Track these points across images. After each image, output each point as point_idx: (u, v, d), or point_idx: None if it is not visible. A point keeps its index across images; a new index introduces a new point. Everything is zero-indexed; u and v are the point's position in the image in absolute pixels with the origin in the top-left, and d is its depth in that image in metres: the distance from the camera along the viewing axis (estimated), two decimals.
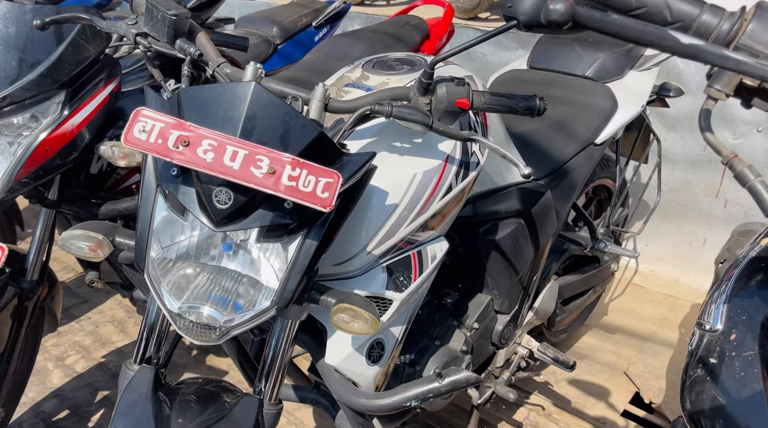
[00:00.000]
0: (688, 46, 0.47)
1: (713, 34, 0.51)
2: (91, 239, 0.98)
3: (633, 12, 0.52)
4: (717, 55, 0.47)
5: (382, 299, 1.09)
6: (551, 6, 0.49)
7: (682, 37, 0.47)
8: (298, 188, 0.81)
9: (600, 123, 1.62)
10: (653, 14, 0.52)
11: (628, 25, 0.48)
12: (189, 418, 0.96)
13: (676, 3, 0.52)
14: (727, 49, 0.47)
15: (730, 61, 0.46)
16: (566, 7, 0.48)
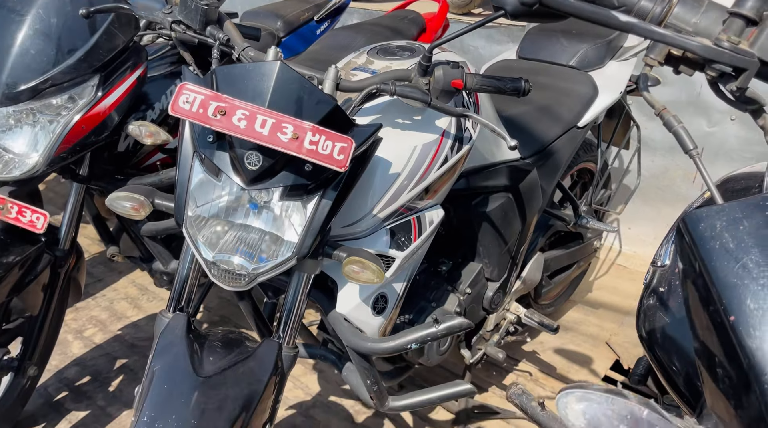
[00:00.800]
0: (626, 23, 0.62)
1: (649, 15, 0.66)
2: (134, 200, 1.12)
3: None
4: (648, 30, 0.62)
5: (386, 257, 1.23)
6: None
7: (623, 17, 0.62)
8: (318, 151, 0.95)
9: (582, 108, 1.77)
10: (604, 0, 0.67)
11: (584, 7, 0.63)
12: (218, 357, 1.11)
13: None
14: (657, 26, 0.62)
15: (657, 35, 0.61)
16: None
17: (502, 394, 1.96)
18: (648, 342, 0.90)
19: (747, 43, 0.61)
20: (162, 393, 1.04)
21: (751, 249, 0.51)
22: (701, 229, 0.54)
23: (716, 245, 0.53)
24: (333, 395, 1.95)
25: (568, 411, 0.52)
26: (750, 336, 0.49)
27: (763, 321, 0.49)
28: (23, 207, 1.37)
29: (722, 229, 0.53)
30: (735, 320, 0.50)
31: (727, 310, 0.51)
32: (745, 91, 0.62)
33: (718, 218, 0.54)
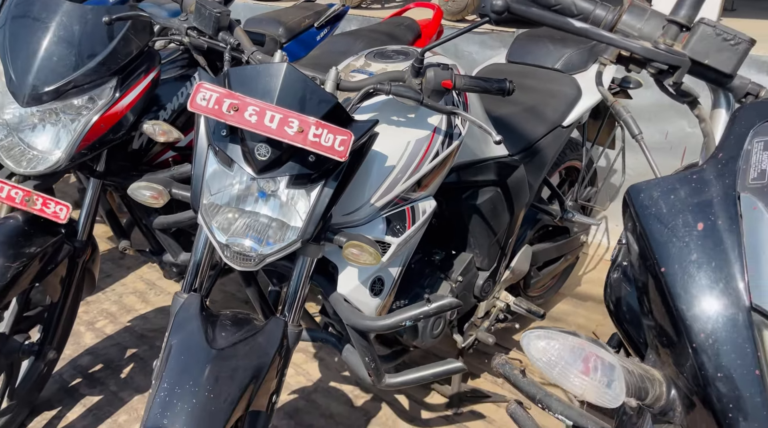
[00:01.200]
0: (580, 28, 0.73)
1: (602, 22, 0.77)
2: (153, 189, 1.23)
3: (553, 7, 0.78)
4: (598, 35, 0.73)
5: (383, 242, 1.34)
6: (493, 2, 0.75)
7: (579, 23, 0.73)
8: (321, 143, 1.07)
9: (566, 108, 1.89)
10: (565, 9, 0.78)
11: (546, 15, 0.74)
12: (230, 332, 1.22)
13: (579, 2, 0.78)
14: (609, 32, 0.74)
15: (606, 38, 0.73)
16: (503, 3, 0.75)
17: (494, 380, 2.07)
18: (615, 312, 1.01)
19: (680, 45, 0.73)
20: (179, 364, 1.14)
21: (679, 213, 0.62)
22: (641, 198, 0.65)
23: (653, 211, 0.64)
24: (333, 381, 2.06)
25: (531, 348, 0.63)
26: (676, 283, 0.60)
27: (686, 271, 0.60)
28: (48, 199, 1.48)
29: (658, 197, 0.64)
30: (665, 270, 0.61)
31: (659, 263, 0.62)
32: (681, 85, 0.73)
33: (655, 189, 0.65)
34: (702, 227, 0.60)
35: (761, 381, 0.54)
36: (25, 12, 1.47)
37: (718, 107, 0.78)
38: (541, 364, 0.63)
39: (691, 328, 0.58)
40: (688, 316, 0.59)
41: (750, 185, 0.59)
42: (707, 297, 0.58)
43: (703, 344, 0.58)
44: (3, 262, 1.46)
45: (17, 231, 1.53)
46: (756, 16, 3.36)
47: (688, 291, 0.59)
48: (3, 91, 1.46)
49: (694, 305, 0.59)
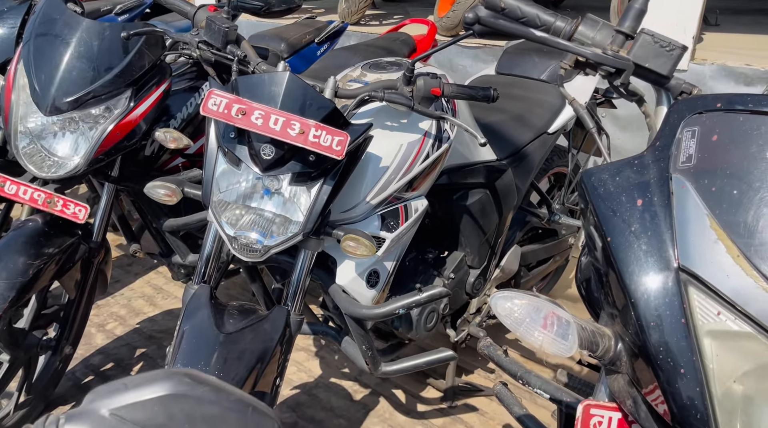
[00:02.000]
0: (540, 37, 0.85)
1: (562, 32, 0.89)
2: (167, 188, 1.35)
3: (520, 20, 0.90)
4: (555, 42, 0.85)
5: (377, 237, 1.45)
6: (467, 15, 0.87)
7: (539, 33, 0.85)
8: (320, 143, 1.18)
9: (551, 116, 2.01)
10: (530, 21, 0.90)
11: (511, 26, 0.86)
12: (237, 319, 1.32)
13: (542, 15, 0.90)
14: (566, 41, 0.86)
15: (562, 46, 0.85)
16: (474, 16, 0.87)
17: (486, 375, 2.17)
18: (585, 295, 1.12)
19: (625, 51, 0.85)
20: (191, 347, 1.25)
21: (623, 192, 0.73)
22: (593, 180, 0.76)
23: (601, 191, 0.75)
24: (333, 377, 2.16)
25: (498, 307, 0.74)
26: (618, 250, 0.71)
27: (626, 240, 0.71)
28: (67, 201, 1.60)
29: (605, 179, 0.75)
30: (610, 240, 0.72)
31: (605, 234, 0.73)
32: (628, 85, 0.85)
33: (604, 172, 0.76)
34: (641, 203, 0.71)
35: (686, 326, 0.65)
36: (48, 29, 1.60)
37: (660, 104, 0.90)
38: (509, 321, 0.74)
39: (631, 288, 0.69)
40: (629, 278, 0.70)
41: (680, 167, 0.70)
42: (644, 261, 0.69)
43: (641, 300, 0.68)
44: (25, 260, 1.57)
45: (38, 232, 1.65)
46: (739, 31, 3.49)
47: (628, 257, 0.70)
48: (27, 101, 1.58)
49: (634, 267, 0.69)
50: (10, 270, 1.54)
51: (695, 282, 0.65)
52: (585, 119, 0.89)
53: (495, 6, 0.89)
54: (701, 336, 0.64)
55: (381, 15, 4.50)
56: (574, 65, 0.87)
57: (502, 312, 0.73)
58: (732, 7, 4.47)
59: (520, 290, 0.75)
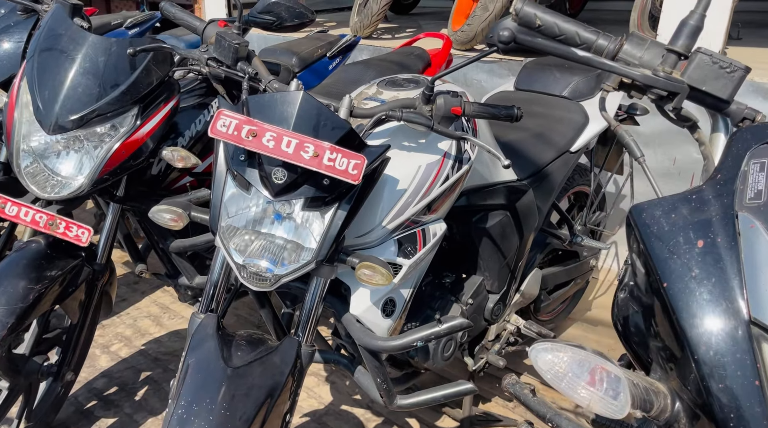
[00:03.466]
0: (582, 57, 0.77)
1: (605, 51, 0.82)
2: (173, 213, 1.28)
3: (557, 38, 0.83)
4: (601, 63, 0.77)
5: (394, 264, 1.37)
6: (501, 33, 0.79)
7: (581, 52, 0.78)
8: (335, 166, 1.11)
9: (574, 134, 1.93)
10: (569, 39, 0.82)
11: (550, 44, 0.78)
12: (245, 352, 1.25)
13: (582, 32, 0.82)
14: (610, 60, 0.78)
15: (607, 66, 0.77)
16: (509, 34, 0.79)
17: (505, 404, 2.07)
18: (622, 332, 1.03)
19: (679, 73, 0.77)
20: (197, 382, 1.17)
21: (680, 231, 0.65)
22: (644, 217, 0.68)
23: (654, 229, 0.67)
24: (344, 404, 2.07)
25: (539, 361, 0.66)
26: (677, 298, 0.63)
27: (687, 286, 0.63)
28: (70, 223, 1.53)
29: (659, 216, 0.67)
30: (667, 286, 0.64)
31: (661, 279, 0.64)
32: (680, 110, 0.77)
33: (657, 208, 0.68)
34: (702, 245, 0.63)
35: (761, 391, 0.56)
36: (53, 45, 1.54)
37: (716, 131, 0.82)
38: (550, 376, 0.66)
39: (692, 341, 0.61)
40: (689, 330, 0.62)
41: (747, 204, 0.62)
42: (708, 311, 0.61)
43: (704, 356, 0.60)
44: (26, 284, 1.51)
45: (39, 254, 1.58)
46: (762, 45, 3.40)
47: (689, 306, 0.62)
48: (30, 119, 1.52)
49: (696, 319, 0.61)
50: (10, 295, 1.47)
51: None
52: (632, 147, 0.81)
53: (530, 23, 0.81)
54: None
55: (393, 28, 4.45)
56: (618, 87, 0.79)
57: (543, 366, 0.65)
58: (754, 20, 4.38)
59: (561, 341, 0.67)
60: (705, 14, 0.77)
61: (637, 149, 0.81)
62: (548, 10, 0.83)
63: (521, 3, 0.82)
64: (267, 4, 1.67)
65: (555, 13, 0.83)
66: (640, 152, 0.81)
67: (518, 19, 0.82)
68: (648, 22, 2.92)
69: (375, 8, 3.59)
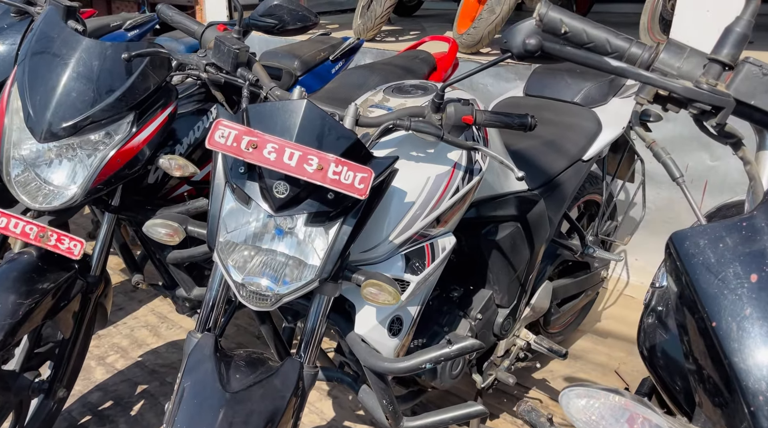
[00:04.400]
0: (616, 67, 0.71)
1: (638, 61, 0.75)
2: (169, 227, 1.21)
3: (586, 45, 0.76)
4: (636, 74, 0.70)
5: (401, 280, 1.31)
6: (528, 41, 0.73)
7: (615, 62, 0.71)
8: (341, 180, 1.04)
9: (586, 142, 1.86)
10: (599, 47, 0.76)
11: (580, 53, 0.71)
12: (244, 374, 1.18)
13: (614, 40, 0.76)
14: (645, 70, 0.71)
15: (644, 78, 0.70)
16: (537, 43, 0.72)
17: (513, 421, 2.00)
18: (648, 359, 0.96)
19: (724, 85, 0.70)
20: (193, 407, 1.11)
21: (729, 264, 0.58)
22: (686, 246, 0.62)
23: (700, 260, 0.60)
24: (347, 420, 2.00)
25: (571, 407, 0.59)
26: (729, 339, 0.56)
27: (740, 327, 0.56)
28: (62, 235, 1.46)
29: (705, 246, 0.60)
30: (716, 325, 0.57)
31: (710, 317, 0.58)
32: (724, 126, 0.70)
33: (701, 237, 0.61)
34: (756, 279, 0.56)
35: None
36: (44, 48, 1.48)
37: (764, 149, 0.75)
38: (581, 425, 0.59)
39: (747, 389, 0.54)
40: (743, 375, 0.55)
41: None
42: (763, 354, 0.54)
43: (761, 406, 0.53)
44: (15, 299, 1.44)
45: (30, 267, 1.51)
46: None
47: (743, 349, 0.55)
48: (21, 127, 1.45)
49: (751, 364, 0.54)
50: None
51: None
52: (669, 166, 0.74)
53: (555, 29, 0.75)
54: None
55: (397, 31, 4.38)
56: (654, 100, 0.72)
57: (576, 414, 0.58)
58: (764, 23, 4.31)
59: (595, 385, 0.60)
60: (753, 20, 0.71)
61: (675, 169, 0.74)
62: (576, 16, 0.76)
63: (546, 8, 0.75)
64: (269, 7, 1.61)
65: (583, 18, 0.76)
66: (680, 172, 0.74)
67: (542, 25, 0.76)
68: (659, 26, 2.85)
69: (378, 11, 3.53)
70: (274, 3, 1.60)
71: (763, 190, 0.64)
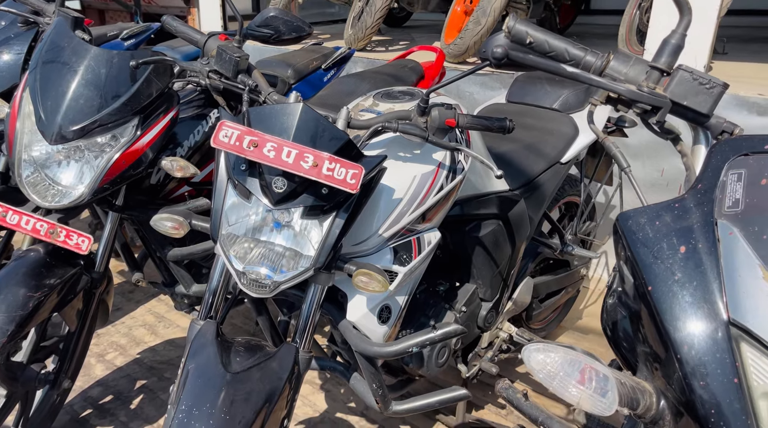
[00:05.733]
0: (571, 73, 0.82)
1: (592, 67, 0.86)
2: (174, 220, 1.30)
3: (548, 54, 0.87)
4: (588, 78, 0.81)
5: (390, 271, 1.41)
6: (495, 50, 0.84)
7: (570, 68, 0.82)
8: (334, 176, 1.14)
9: (564, 146, 1.97)
10: (559, 56, 0.87)
11: (540, 60, 0.82)
12: (244, 358, 1.27)
13: (571, 49, 0.87)
14: (597, 76, 0.82)
15: (595, 82, 0.81)
16: (503, 51, 0.83)
17: (498, 411, 2.10)
18: (612, 338, 1.07)
19: (662, 88, 0.81)
20: (197, 387, 1.20)
21: (664, 238, 0.69)
22: (629, 224, 0.72)
23: (639, 236, 0.71)
24: (339, 412, 2.09)
25: (531, 360, 0.69)
26: (662, 301, 0.67)
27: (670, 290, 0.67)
28: (70, 231, 1.55)
29: (644, 223, 0.71)
30: (652, 289, 0.68)
31: (646, 282, 0.68)
32: (663, 123, 0.81)
33: (642, 216, 0.72)
34: (684, 250, 0.66)
35: (739, 388, 0.60)
36: (55, 57, 1.57)
37: (697, 143, 0.86)
38: (542, 375, 0.69)
39: (676, 341, 0.64)
40: (673, 331, 0.65)
41: (726, 212, 0.66)
42: (690, 313, 0.65)
43: (687, 356, 0.64)
44: (25, 292, 1.52)
45: (39, 263, 1.60)
46: (747, 59, 3.48)
47: (672, 308, 0.65)
48: (32, 130, 1.55)
49: (679, 320, 0.65)
50: (10, 303, 1.49)
51: (748, 338, 0.60)
52: (619, 158, 0.85)
53: (521, 40, 0.85)
54: (756, 398, 0.59)
55: (387, 41, 4.51)
56: (606, 101, 0.83)
57: (536, 366, 0.68)
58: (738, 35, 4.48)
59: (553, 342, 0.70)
60: (686, 34, 0.82)
61: (623, 160, 0.85)
62: (539, 28, 0.87)
63: (513, 21, 0.86)
64: (265, 18, 1.71)
65: (545, 30, 0.87)
66: (627, 163, 0.85)
67: (511, 36, 0.87)
68: (636, 37, 2.99)
69: (369, 21, 3.65)
70: (270, 14, 1.71)
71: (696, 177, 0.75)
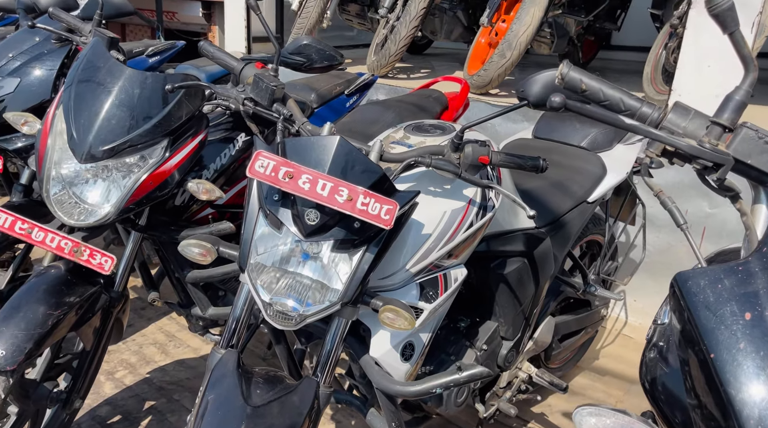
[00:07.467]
0: (630, 125, 0.80)
1: (648, 119, 0.84)
2: (202, 247, 1.29)
3: (602, 103, 0.86)
4: (647, 131, 0.80)
5: (415, 307, 1.38)
6: (553, 98, 0.82)
7: (628, 120, 0.80)
8: (368, 211, 1.13)
9: (591, 185, 1.95)
10: (613, 105, 0.85)
11: (598, 111, 0.81)
12: (265, 390, 1.24)
13: (627, 100, 0.86)
14: (654, 128, 0.80)
15: (654, 135, 0.79)
16: (561, 100, 0.82)
17: None
18: (650, 391, 1.03)
19: (724, 145, 0.80)
20: (215, 419, 1.17)
21: (727, 303, 0.66)
22: (689, 285, 0.70)
23: (700, 299, 0.68)
24: None
25: (583, 424, 0.66)
26: (726, 370, 0.64)
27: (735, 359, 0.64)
28: (94, 250, 1.54)
29: (705, 286, 0.69)
30: (714, 356, 0.65)
31: (708, 349, 0.65)
32: (724, 181, 0.79)
33: (702, 278, 0.70)
34: (749, 317, 0.64)
35: None
36: (90, 76, 1.58)
37: (758, 203, 0.84)
38: None
39: (740, 414, 0.61)
40: (737, 402, 0.62)
41: None
42: (756, 384, 0.62)
43: None
44: (45, 310, 1.51)
45: (60, 280, 1.59)
46: None
47: (737, 378, 0.63)
48: (63, 147, 1.55)
49: (744, 391, 0.62)
50: (29, 320, 1.47)
51: None
52: (674, 214, 0.83)
53: (575, 87, 0.84)
54: None
55: (408, 68, 4.53)
56: (662, 154, 0.81)
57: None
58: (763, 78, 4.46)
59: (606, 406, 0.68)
60: (750, 90, 0.80)
61: (680, 216, 0.83)
62: (593, 76, 0.86)
63: (567, 68, 0.85)
64: (298, 46, 1.71)
65: (599, 79, 0.86)
66: (683, 220, 0.83)
67: (564, 83, 0.85)
68: (662, 77, 2.98)
69: (393, 49, 3.67)
70: (303, 42, 1.71)
71: (757, 239, 0.73)
